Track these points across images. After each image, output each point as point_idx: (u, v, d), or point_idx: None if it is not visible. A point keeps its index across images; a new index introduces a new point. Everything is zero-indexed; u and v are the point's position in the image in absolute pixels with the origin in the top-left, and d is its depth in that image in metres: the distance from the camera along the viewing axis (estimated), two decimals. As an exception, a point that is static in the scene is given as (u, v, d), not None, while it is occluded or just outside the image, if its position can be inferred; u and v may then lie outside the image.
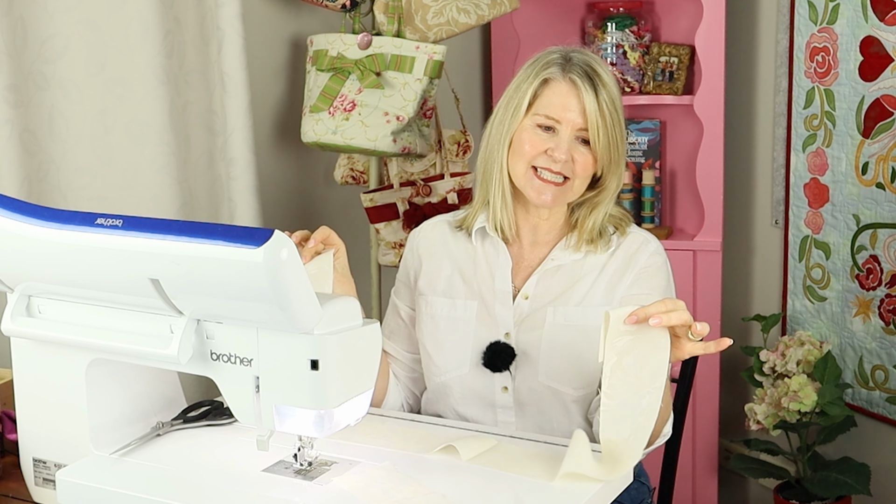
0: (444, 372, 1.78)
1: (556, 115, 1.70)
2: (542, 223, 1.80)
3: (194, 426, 1.57)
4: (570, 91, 1.70)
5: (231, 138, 2.41)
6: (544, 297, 1.76)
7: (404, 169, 2.67)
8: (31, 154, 2.11)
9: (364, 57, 2.49)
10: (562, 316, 1.74)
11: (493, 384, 1.75)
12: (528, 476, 1.39)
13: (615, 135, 1.72)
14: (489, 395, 1.76)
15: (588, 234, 1.77)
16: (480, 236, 1.82)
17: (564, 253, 1.78)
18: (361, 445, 1.49)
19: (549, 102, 1.71)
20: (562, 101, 1.70)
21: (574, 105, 1.69)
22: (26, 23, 2.09)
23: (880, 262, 2.63)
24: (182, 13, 2.34)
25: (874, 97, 2.57)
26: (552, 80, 1.72)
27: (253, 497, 1.34)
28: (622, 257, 1.78)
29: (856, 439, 2.74)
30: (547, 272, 1.77)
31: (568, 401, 1.73)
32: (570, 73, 1.71)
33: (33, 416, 1.51)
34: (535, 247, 1.81)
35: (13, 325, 1.42)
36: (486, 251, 1.81)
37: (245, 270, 1.18)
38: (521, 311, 1.76)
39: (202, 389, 2.25)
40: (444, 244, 1.85)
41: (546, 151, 1.71)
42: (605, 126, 1.70)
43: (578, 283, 1.76)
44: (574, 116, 1.70)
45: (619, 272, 1.76)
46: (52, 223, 1.30)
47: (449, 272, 1.82)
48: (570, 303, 1.75)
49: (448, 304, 1.79)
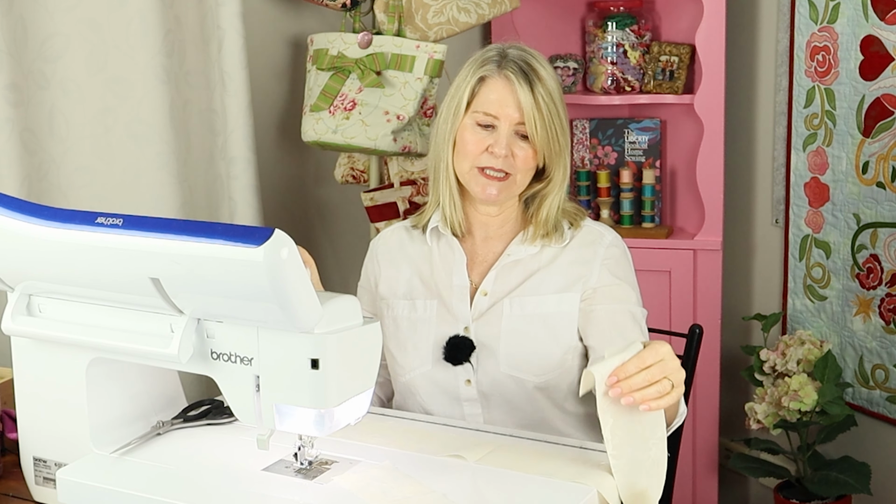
0: (409, 371, 1.80)
1: (493, 111, 1.73)
2: (491, 219, 1.82)
3: (194, 425, 1.57)
4: (505, 87, 1.73)
5: (231, 137, 2.41)
6: (502, 291, 1.79)
7: (404, 168, 2.67)
8: (32, 153, 2.11)
9: (364, 56, 2.49)
10: (518, 306, 1.77)
11: (456, 378, 1.77)
12: (531, 475, 1.39)
13: (554, 127, 1.74)
14: (453, 389, 1.77)
15: (542, 227, 1.80)
16: (435, 236, 1.85)
17: (521, 248, 1.81)
18: (361, 444, 1.49)
19: (486, 99, 1.74)
20: (498, 98, 1.73)
21: (510, 101, 1.72)
22: (26, 22, 2.09)
23: (881, 261, 2.63)
24: (182, 12, 2.34)
25: (874, 96, 2.57)
26: (488, 78, 1.75)
27: (253, 496, 1.34)
28: (577, 247, 1.80)
29: (856, 438, 2.74)
30: (504, 268, 1.80)
31: (530, 388, 1.75)
32: (504, 69, 1.74)
33: (34, 415, 1.51)
34: (489, 241, 1.83)
35: (13, 325, 1.42)
36: (441, 250, 1.84)
37: (245, 269, 1.18)
38: (479, 306, 1.79)
39: (202, 388, 2.26)
40: (401, 249, 1.88)
41: (487, 149, 1.73)
42: (543, 119, 1.72)
43: (535, 275, 1.79)
44: (511, 112, 1.72)
45: (576, 262, 1.78)
46: (53, 222, 1.30)
47: (408, 275, 1.85)
48: (526, 293, 1.77)
49: (409, 305, 1.82)
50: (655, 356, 1.37)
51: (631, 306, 1.75)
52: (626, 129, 3.00)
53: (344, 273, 2.88)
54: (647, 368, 1.35)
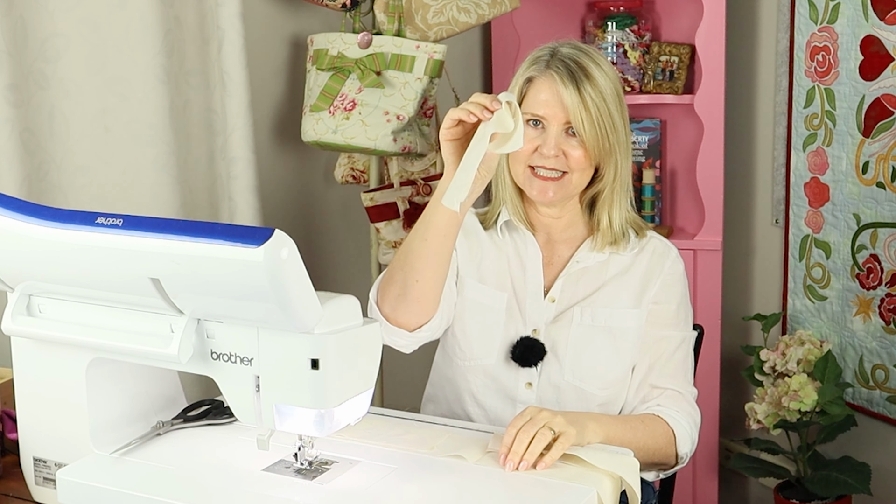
0: (469, 358, 1.78)
1: (541, 111, 1.72)
2: (554, 222, 1.80)
3: (194, 425, 1.57)
4: (551, 87, 1.71)
5: (231, 137, 2.41)
6: (570, 299, 1.77)
7: (404, 168, 2.67)
8: (32, 153, 2.11)
9: (364, 56, 2.49)
10: (589, 316, 1.75)
11: (517, 378, 1.76)
12: (531, 475, 1.39)
13: (604, 126, 1.70)
14: (512, 389, 1.77)
15: (609, 233, 1.77)
16: (507, 229, 1.82)
17: (589, 255, 1.78)
18: (362, 445, 1.49)
19: (534, 100, 1.73)
20: (545, 98, 1.71)
21: (555, 100, 1.70)
22: (26, 22, 2.09)
23: (880, 261, 2.63)
24: (182, 12, 2.34)
25: (874, 96, 2.57)
26: (535, 78, 1.73)
27: (253, 496, 1.34)
28: (647, 259, 1.79)
29: (856, 439, 2.74)
30: (572, 275, 1.78)
31: (591, 401, 1.75)
32: (551, 68, 1.72)
33: (34, 415, 1.51)
34: (553, 245, 1.81)
35: (13, 325, 1.42)
36: (515, 243, 1.82)
37: (245, 270, 1.18)
38: (547, 311, 1.77)
39: (202, 389, 2.25)
40: (475, 232, 1.84)
41: (537, 149, 1.72)
42: (591, 117, 1.69)
43: (605, 285, 1.77)
44: (557, 111, 1.71)
45: (646, 275, 1.78)
46: (53, 222, 1.30)
47: (481, 259, 1.81)
48: (597, 304, 1.76)
49: (480, 289, 1.79)
50: (521, 419, 1.47)
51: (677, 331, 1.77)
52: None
53: (344, 273, 2.88)
54: (519, 431, 1.45)
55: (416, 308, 1.66)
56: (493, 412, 1.78)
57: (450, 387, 1.83)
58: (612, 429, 1.58)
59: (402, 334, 1.69)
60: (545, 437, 1.44)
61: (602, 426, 1.56)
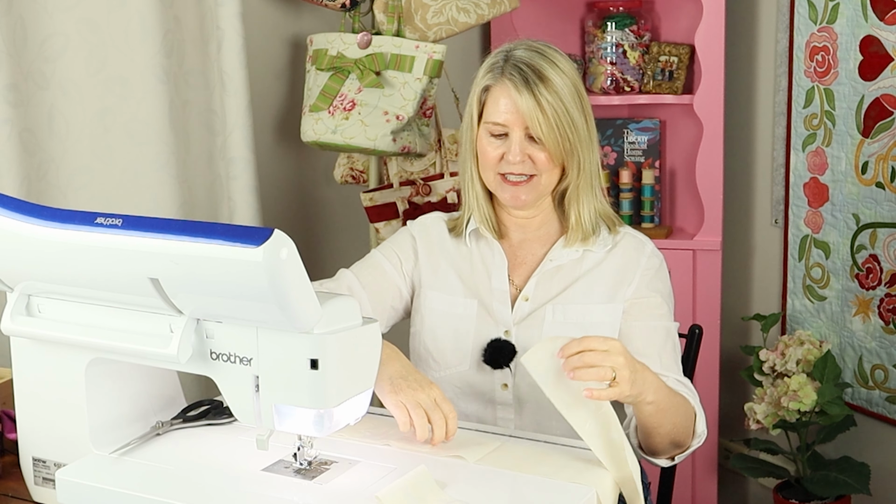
0: (444, 368, 1.79)
1: (500, 119, 1.72)
2: (528, 221, 1.82)
3: (194, 425, 1.57)
4: (507, 94, 1.71)
5: (231, 137, 2.41)
6: (544, 296, 1.77)
7: (404, 168, 2.67)
8: (31, 153, 2.11)
9: (364, 56, 2.49)
10: (561, 313, 1.75)
11: (493, 381, 1.76)
12: (531, 475, 1.39)
13: (563, 126, 1.70)
14: (489, 392, 1.76)
15: (580, 230, 1.78)
16: (475, 237, 1.84)
17: (563, 252, 1.79)
18: (361, 445, 1.49)
19: (493, 109, 1.73)
20: (504, 105, 1.72)
21: (512, 107, 1.71)
22: (26, 22, 2.09)
23: (880, 261, 2.63)
24: (182, 12, 2.34)
25: (874, 96, 2.57)
26: (492, 86, 1.74)
27: (253, 496, 1.34)
28: (620, 254, 1.79)
29: (855, 439, 2.74)
30: (546, 273, 1.78)
31: None
32: (505, 75, 1.72)
33: (33, 415, 1.51)
34: (527, 244, 1.82)
35: (13, 325, 1.42)
36: (481, 251, 1.83)
37: (245, 270, 1.18)
38: (521, 311, 1.77)
39: (202, 389, 2.26)
40: (440, 242, 1.86)
41: (503, 157, 1.73)
42: (549, 121, 1.69)
43: (578, 282, 1.77)
44: (516, 118, 1.71)
45: (620, 271, 1.77)
46: (52, 222, 1.30)
47: (446, 270, 1.83)
48: (570, 300, 1.76)
49: (447, 300, 1.80)
50: (603, 344, 1.43)
51: (665, 322, 1.76)
52: (625, 129, 3.00)
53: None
54: (590, 351, 1.42)
55: None
56: (476, 416, 1.78)
57: None
58: (663, 398, 1.56)
59: None
60: (604, 374, 1.42)
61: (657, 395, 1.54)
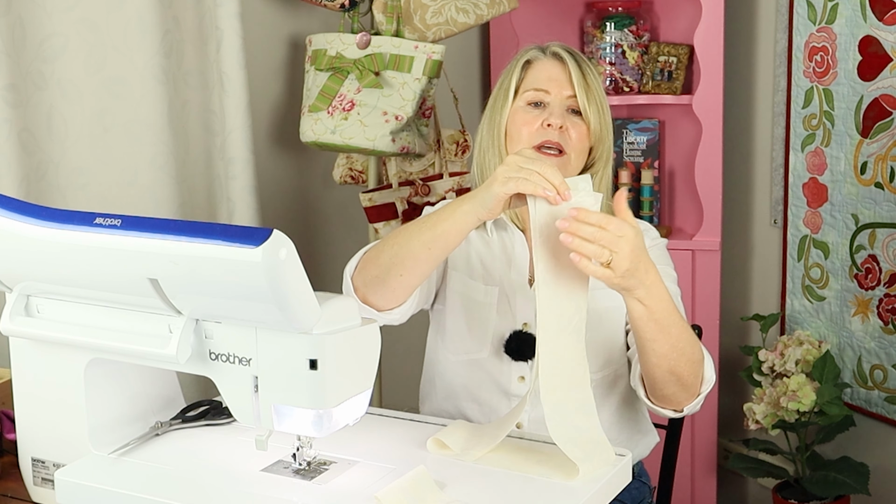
0: (463, 353, 1.79)
1: (544, 85, 1.73)
2: None
3: (193, 426, 1.57)
4: (553, 64, 1.74)
5: (230, 138, 2.41)
6: None
7: (403, 168, 2.67)
8: (30, 153, 2.11)
9: (363, 56, 2.49)
10: None
11: (510, 372, 1.76)
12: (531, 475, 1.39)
13: (602, 105, 1.74)
14: (505, 383, 1.76)
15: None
16: (497, 226, 1.83)
17: None
18: (360, 445, 1.49)
19: (535, 78, 1.75)
20: (547, 74, 1.74)
21: (560, 74, 1.73)
22: (25, 22, 2.09)
23: (879, 261, 2.63)
24: (181, 13, 2.34)
25: (873, 97, 2.57)
26: (534, 61, 1.76)
27: (252, 497, 1.34)
28: None
29: (854, 439, 2.74)
30: None
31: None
32: (547, 54, 1.76)
33: (32, 415, 1.51)
34: None
35: (12, 325, 1.42)
36: (502, 241, 1.82)
37: (244, 270, 1.18)
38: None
39: (201, 389, 2.25)
40: None
41: (542, 123, 1.72)
42: (593, 94, 1.72)
43: None
44: (561, 85, 1.73)
45: None
46: (51, 223, 1.30)
47: (470, 254, 1.82)
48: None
49: (471, 285, 1.79)
50: (618, 230, 1.38)
51: (672, 285, 1.73)
52: (624, 129, 3.00)
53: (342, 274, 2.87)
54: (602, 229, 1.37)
55: (389, 295, 1.63)
56: (489, 406, 1.78)
57: (441, 383, 1.83)
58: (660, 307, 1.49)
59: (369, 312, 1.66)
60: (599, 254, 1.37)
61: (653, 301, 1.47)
